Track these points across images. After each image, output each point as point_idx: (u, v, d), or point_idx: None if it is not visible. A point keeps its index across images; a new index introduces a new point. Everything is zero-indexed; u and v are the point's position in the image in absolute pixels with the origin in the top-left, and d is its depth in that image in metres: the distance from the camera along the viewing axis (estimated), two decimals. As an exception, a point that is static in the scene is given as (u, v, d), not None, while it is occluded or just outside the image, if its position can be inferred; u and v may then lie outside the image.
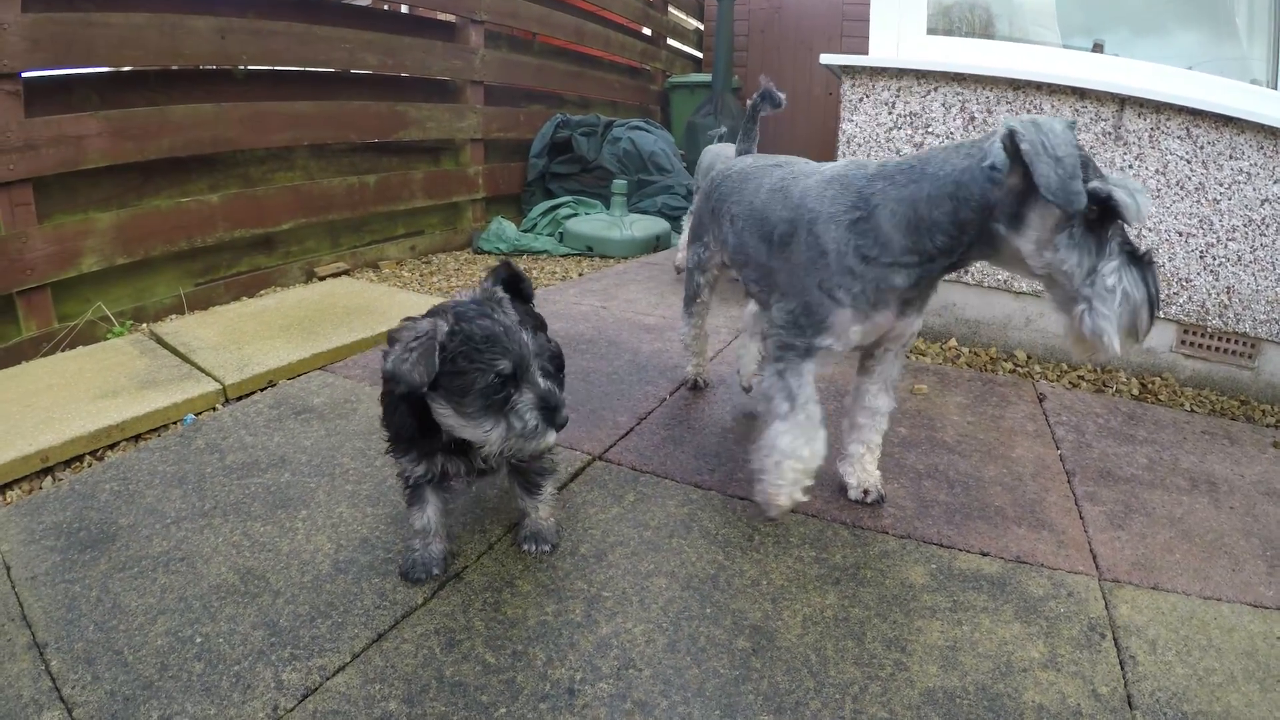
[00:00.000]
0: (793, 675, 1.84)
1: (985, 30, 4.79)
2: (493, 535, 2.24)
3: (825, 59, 4.28)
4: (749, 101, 3.12)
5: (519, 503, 2.19)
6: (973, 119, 4.19)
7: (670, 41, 9.34)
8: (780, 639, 1.95)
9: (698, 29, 9.91)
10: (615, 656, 1.84)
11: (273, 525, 2.28)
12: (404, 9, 6.48)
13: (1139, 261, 1.91)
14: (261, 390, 3.24)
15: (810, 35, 8.95)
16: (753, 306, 3.22)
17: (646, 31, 8.88)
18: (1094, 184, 1.83)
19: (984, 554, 2.46)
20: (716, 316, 3.85)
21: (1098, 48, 4.61)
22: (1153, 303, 1.91)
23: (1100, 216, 1.87)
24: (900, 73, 4.19)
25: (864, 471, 2.67)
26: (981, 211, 1.99)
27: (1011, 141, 1.83)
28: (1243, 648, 2.24)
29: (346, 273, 4.95)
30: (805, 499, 2.42)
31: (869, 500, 2.66)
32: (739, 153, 3.19)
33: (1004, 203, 1.95)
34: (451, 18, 6.00)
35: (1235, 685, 2.08)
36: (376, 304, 3.96)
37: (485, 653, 1.83)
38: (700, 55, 9.93)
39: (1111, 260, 1.89)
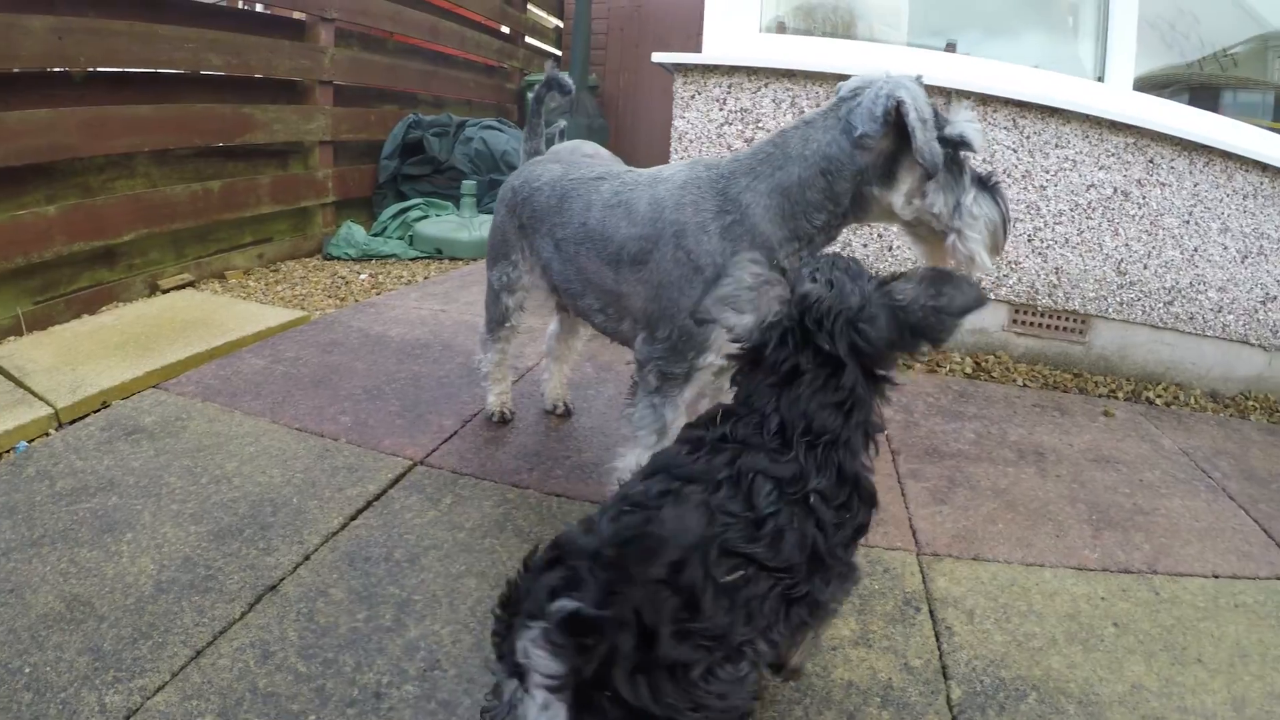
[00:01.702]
0: None
1: (848, 30, 4.95)
2: (309, 545, 2.22)
3: (657, 57, 4.33)
4: (533, 91, 2.92)
5: None
6: (803, 114, 4.30)
7: (529, 39, 9.27)
8: None
9: (558, 27, 9.87)
10: (422, 658, 1.85)
11: (99, 550, 2.22)
12: (259, 7, 6.31)
13: (989, 187, 2.04)
14: (95, 412, 3.13)
15: (669, 33, 8.95)
16: (555, 327, 3.14)
17: (505, 29, 8.80)
18: (948, 130, 1.95)
19: None
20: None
21: (950, 47, 4.79)
22: (1005, 219, 2.05)
23: (953, 154, 1.98)
24: (732, 70, 4.27)
25: None
26: (855, 179, 2.04)
27: (900, 110, 1.89)
28: (1065, 611, 2.33)
29: (192, 284, 4.79)
30: None
31: None
32: (528, 152, 2.98)
33: (875, 166, 2.02)
34: (301, 15, 5.84)
35: (1057, 648, 2.17)
36: (214, 316, 3.88)
37: (298, 662, 1.82)
38: (560, 53, 9.85)
39: (969, 191, 1.99)
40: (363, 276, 5.20)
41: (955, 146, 1.97)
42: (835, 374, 1.44)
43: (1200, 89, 5.30)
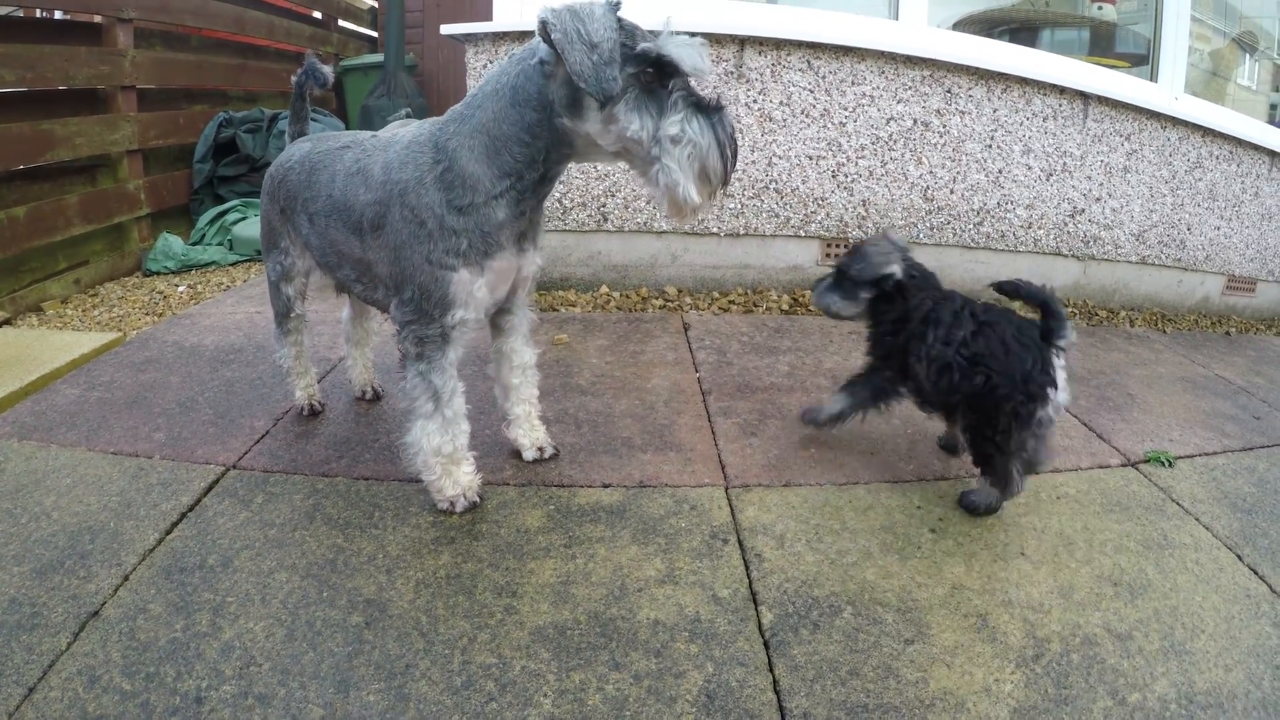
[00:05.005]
0: (403, 640, 1.94)
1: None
2: (128, 565, 2.22)
3: (446, 29, 4.31)
4: (293, 80, 2.88)
5: None
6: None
7: (342, 23, 9.03)
8: (392, 608, 2.04)
9: (372, 8, 9.61)
10: (238, 657, 1.89)
11: (-75, 607, 2.18)
12: (58, 14, 5.98)
13: (705, 109, 1.91)
14: (-90, 468, 3.03)
15: (485, 5, 8.69)
16: (347, 312, 3.15)
17: (317, 15, 8.55)
18: (642, 46, 1.85)
19: (606, 486, 2.60)
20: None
21: None
22: (721, 145, 1.91)
23: (659, 75, 1.89)
24: (523, 35, 4.29)
25: (534, 431, 2.75)
26: (543, 109, 2.00)
27: (545, 31, 1.83)
28: (880, 523, 2.45)
29: (8, 321, 4.53)
30: (476, 482, 2.49)
31: (546, 457, 2.74)
32: (291, 136, 2.96)
33: (560, 94, 1.96)
34: (97, 18, 5.50)
35: (871, 560, 2.27)
36: (28, 352, 3.72)
37: (122, 681, 1.84)
38: (376, 34, 9.62)
39: (674, 114, 1.89)
40: (181, 289, 5.02)
41: (659, 68, 1.88)
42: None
43: (1021, 28, 5.59)
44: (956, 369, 2.47)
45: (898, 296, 2.65)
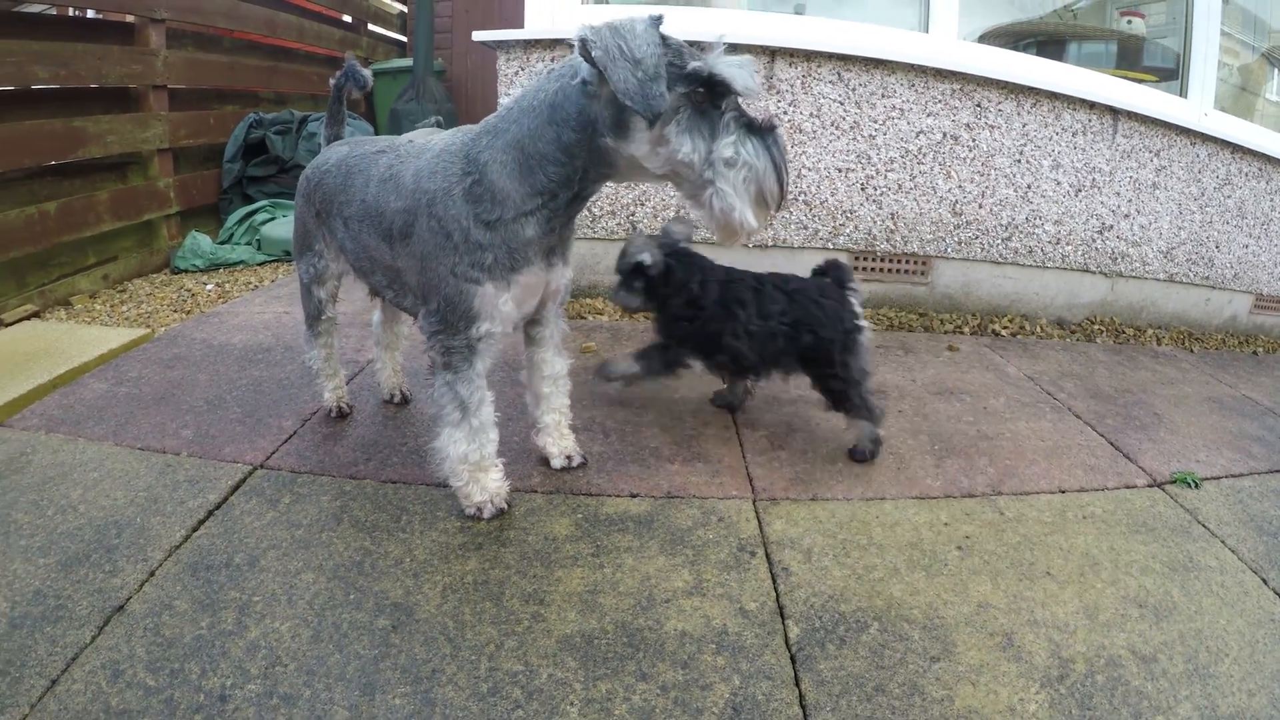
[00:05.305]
0: (430, 645, 1.93)
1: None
2: (154, 561, 2.23)
3: (478, 36, 4.31)
4: (331, 81, 2.82)
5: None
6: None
7: (372, 27, 9.08)
8: (419, 612, 2.04)
9: (401, 12, 9.65)
10: (263, 656, 1.89)
11: (-48, 596, 2.18)
12: (90, 14, 6.02)
13: (758, 131, 1.88)
14: (-60, 457, 3.05)
15: (515, 12, 8.68)
16: (378, 315, 3.14)
17: (346, 18, 8.60)
18: (693, 65, 1.81)
19: (633, 495, 2.59)
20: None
21: (799, 12, 4.89)
22: (778, 167, 1.88)
23: (710, 96, 1.85)
24: (554, 43, 4.30)
25: (563, 439, 2.74)
26: (583, 129, 1.96)
27: (585, 49, 1.78)
28: (907, 540, 2.43)
29: (37, 314, 4.57)
30: (504, 489, 2.49)
31: (574, 465, 2.73)
32: (328, 139, 2.90)
33: (603, 115, 1.92)
34: (129, 18, 5.54)
35: (899, 577, 2.25)
36: (57, 345, 3.75)
37: (146, 676, 1.84)
38: (405, 39, 9.64)
39: (728, 136, 1.86)
40: (209, 287, 5.05)
41: (710, 87, 1.83)
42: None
43: (1049, 41, 5.56)
44: (782, 336, 2.88)
45: (666, 281, 2.96)
